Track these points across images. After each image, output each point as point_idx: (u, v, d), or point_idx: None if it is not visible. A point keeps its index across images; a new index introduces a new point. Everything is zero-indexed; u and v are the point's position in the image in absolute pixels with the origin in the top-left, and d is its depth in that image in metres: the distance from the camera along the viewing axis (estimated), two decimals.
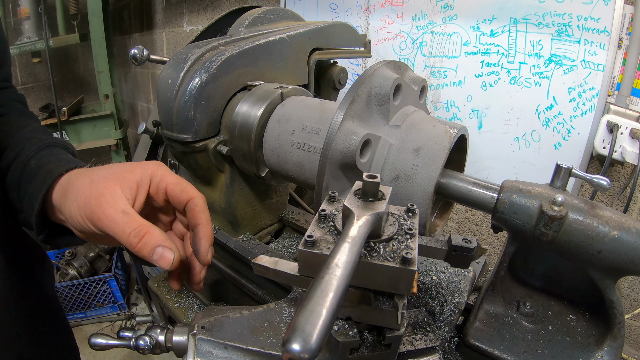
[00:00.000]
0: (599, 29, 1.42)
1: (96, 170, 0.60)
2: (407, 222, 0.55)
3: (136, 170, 0.59)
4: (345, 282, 0.35)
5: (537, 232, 0.64)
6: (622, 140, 1.42)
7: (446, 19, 1.75)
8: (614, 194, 1.55)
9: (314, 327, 0.29)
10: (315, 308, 0.31)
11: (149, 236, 0.53)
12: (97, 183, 0.56)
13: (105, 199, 0.54)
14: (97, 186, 0.56)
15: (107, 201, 0.54)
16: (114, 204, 0.54)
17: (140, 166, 0.61)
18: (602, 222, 0.60)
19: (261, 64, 1.08)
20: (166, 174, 0.61)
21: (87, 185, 0.57)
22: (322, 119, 0.90)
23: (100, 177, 0.57)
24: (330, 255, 0.39)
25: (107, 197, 0.55)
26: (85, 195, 0.56)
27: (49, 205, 0.62)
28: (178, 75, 0.96)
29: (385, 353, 0.57)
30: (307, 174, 0.92)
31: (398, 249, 0.50)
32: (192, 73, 0.96)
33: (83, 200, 0.55)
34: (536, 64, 1.57)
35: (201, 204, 0.61)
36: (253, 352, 0.59)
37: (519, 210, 0.65)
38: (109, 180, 0.57)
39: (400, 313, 0.52)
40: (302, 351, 0.28)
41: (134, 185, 0.58)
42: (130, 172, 0.59)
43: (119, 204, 0.54)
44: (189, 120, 0.97)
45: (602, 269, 0.63)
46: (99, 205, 0.54)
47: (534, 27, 1.54)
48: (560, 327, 0.75)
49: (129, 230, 0.53)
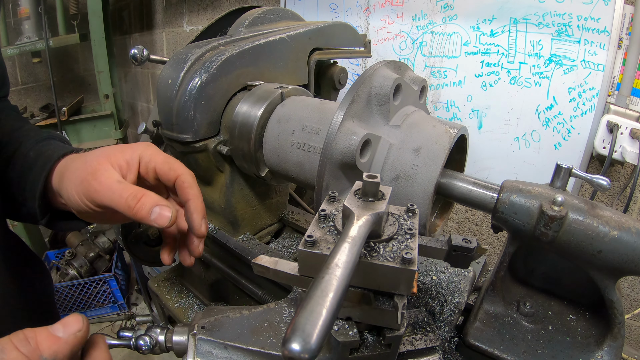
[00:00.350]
0: (599, 29, 1.42)
1: (89, 152, 0.64)
2: (407, 222, 0.55)
3: (126, 151, 0.62)
4: (345, 282, 0.35)
5: (537, 232, 0.64)
6: (622, 140, 1.42)
7: (446, 19, 1.75)
8: (614, 194, 1.55)
9: (314, 327, 0.29)
10: (315, 308, 0.31)
11: (146, 197, 0.56)
12: (91, 162, 0.60)
13: (100, 172, 0.58)
14: (90, 164, 0.60)
15: (102, 174, 0.58)
16: (109, 176, 0.58)
17: (130, 147, 0.63)
18: (602, 222, 0.60)
19: (261, 64, 1.08)
20: (155, 153, 0.63)
21: (81, 166, 0.60)
22: (322, 119, 0.90)
23: (93, 156, 0.61)
24: (330, 255, 0.39)
25: (102, 170, 0.58)
26: (81, 174, 0.59)
27: (50, 190, 0.65)
28: (178, 75, 0.96)
29: (385, 353, 0.57)
30: (307, 174, 0.92)
31: (398, 249, 0.50)
32: (192, 73, 0.96)
33: (79, 179, 0.59)
34: (536, 64, 1.57)
35: (189, 180, 0.63)
36: (253, 352, 0.59)
37: (519, 210, 0.65)
38: (101, 157, 0.60)
39: (400, 313, 0.52)
40: (302, 351, 0.28)
41: (124, 164, 0.61)
42: (121, 152, 0.62)
43: (113, 176, 0.58)
44: (189, 120, 0.97)
45: (602, 269, 0.63)
46: (94, 178, 0.57)
47: (534, 27, 1.54)
48: (560, 327, 0.75)
49: (126, 195, 0.55)
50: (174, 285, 1.31)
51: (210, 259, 1.15)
